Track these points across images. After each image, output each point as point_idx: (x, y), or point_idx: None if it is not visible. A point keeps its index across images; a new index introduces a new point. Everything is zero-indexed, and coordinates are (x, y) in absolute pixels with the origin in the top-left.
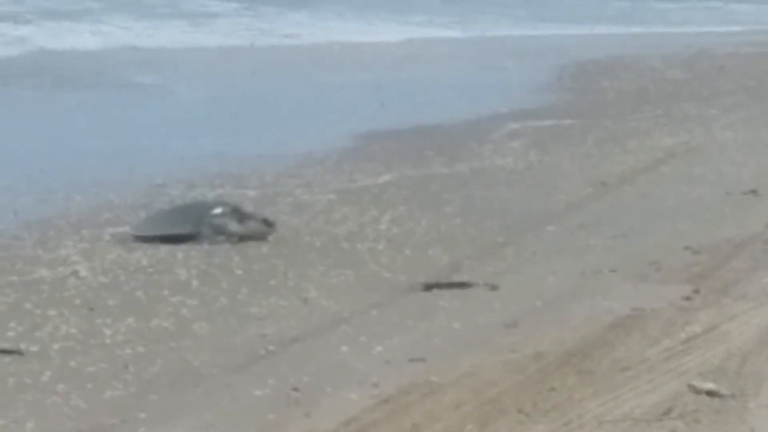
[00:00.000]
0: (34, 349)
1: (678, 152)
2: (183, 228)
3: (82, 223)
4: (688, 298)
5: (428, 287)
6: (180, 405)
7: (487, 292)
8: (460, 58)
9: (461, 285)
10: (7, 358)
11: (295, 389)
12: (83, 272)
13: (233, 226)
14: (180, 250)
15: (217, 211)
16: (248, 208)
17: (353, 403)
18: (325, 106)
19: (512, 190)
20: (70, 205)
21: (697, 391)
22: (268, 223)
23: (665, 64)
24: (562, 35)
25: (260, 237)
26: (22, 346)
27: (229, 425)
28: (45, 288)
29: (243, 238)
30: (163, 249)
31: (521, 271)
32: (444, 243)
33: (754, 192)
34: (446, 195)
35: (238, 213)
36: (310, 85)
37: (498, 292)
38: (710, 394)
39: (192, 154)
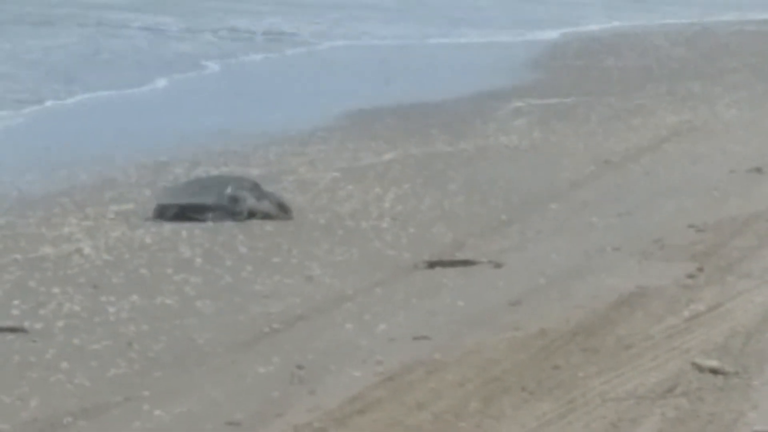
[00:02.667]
0: (38, 326)
1: (682, 130)
2: (205, 198)
3: (86, 201)
4: (692, 276)
5: (432, 265)
6: (184, 383)
7: (491, 270)
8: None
9: (465, 263)
10: (11, 336)
11: (300, 367)
12: (87, 250)
13: (251, 201)
14: (184, 228)
15: (238, 185)
16: (268, 188)
17: (357, 380)
18: (328, 84)
19: (516, 168)
20: (74, 183)
21: (701, 369)
22: (284, 209)
23: (669, 42)
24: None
25: (275, 218)
26: (26, 324)
27: (234, 403)
28: (49, 266)
29: (260, 215)
30: (167, 227)
31: (525, 248)
32: (448, 221)
33: (758, 170)
34: (450, 173)
35: (257, 190)
36: (314, 63)
37: (502, 270)
38: (714, 371)
39: (196, 133)
